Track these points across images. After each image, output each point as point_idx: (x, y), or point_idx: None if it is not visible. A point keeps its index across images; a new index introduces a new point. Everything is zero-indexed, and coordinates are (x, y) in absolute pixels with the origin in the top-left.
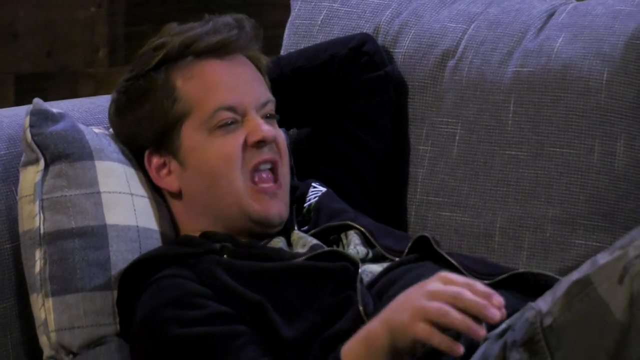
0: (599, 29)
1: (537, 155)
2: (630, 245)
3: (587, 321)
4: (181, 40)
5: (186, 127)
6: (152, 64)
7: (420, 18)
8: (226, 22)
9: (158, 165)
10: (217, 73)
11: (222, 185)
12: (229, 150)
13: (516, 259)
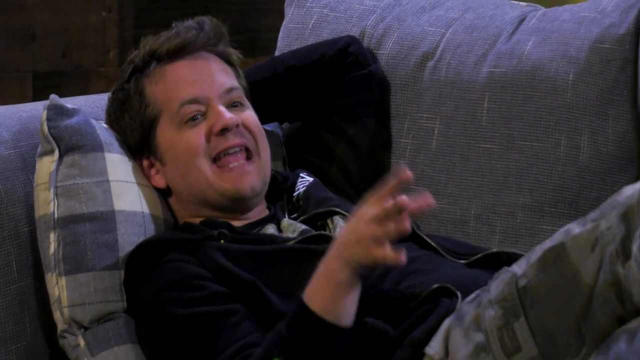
0: (565, 34)
1: (508, 148)
2: (602, 218)
3: (559, 284)
4: (145, 50)
5: (160, 128)
6: (126, 77)
7: (402, 23)
8: (187, 26)
9: (147, 167)
10: (177, 72)
11: (193, 173)
12: (193, 142)
13: (489, 243)
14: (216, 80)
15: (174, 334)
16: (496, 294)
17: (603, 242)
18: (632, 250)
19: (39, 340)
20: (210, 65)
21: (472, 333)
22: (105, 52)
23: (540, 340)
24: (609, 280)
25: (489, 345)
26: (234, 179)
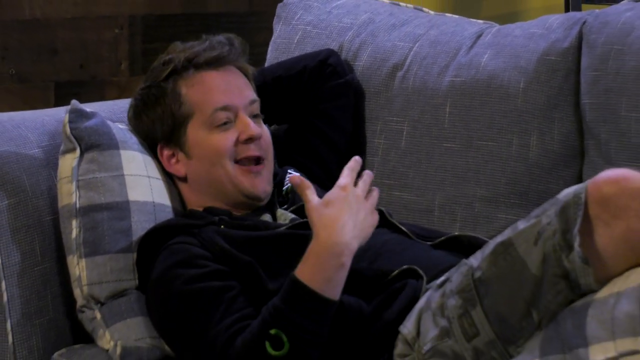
0: (517, 47)
1: (468, 147)
2: (543, 214)
3: (509, 274)
4: (185, 56)
5: (191, 126)
6: (162, 76)
7: (375, 38)
8: (220, 41)
9: (168, 156)
10: (213, 81)
11: (218, 170)
12: (222, 144)
13: (451, 229)
14: (243, 92)
15: (178, 307)
16: (456, 285)
17: (545, 236)
18: (574, 245)
19: (59, 315)
20: (237, 79)
21: (438, 319)
22: (117, 64)
23: (495, 325)
24: (557, 273)
25: (452, 331)
26: (252, 181)
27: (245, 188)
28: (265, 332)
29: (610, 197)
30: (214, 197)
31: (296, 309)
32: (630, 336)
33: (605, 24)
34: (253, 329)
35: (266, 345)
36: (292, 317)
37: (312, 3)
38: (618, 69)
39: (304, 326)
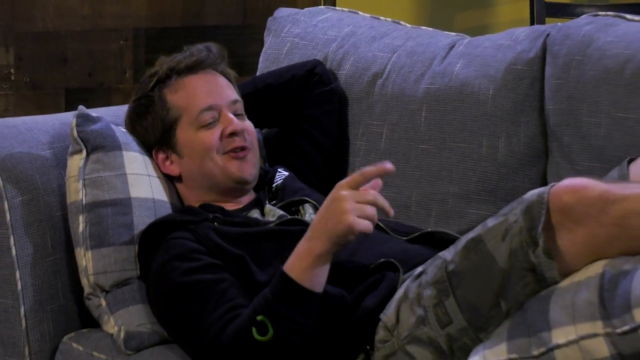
0: (486, 57)
1: (442, 149)
2: (510, 213)
3: (479, 268)
4: (167, 66)
5: (179, 128)
6: (149, 87)
7: (357, 49)
8: (198, 48)
9: (162, 159)
10: (194, 84)
11: (208, 163)
12: (209, 141)
13: (427, 224)
14: (224, 92)
15: (175, 296)
16: (431, 277)
17: (512, 233)
18: (539, 242)
19: (69, 301)
20: (218, 80)
21: (415, 308)
22: (122, 73)
23: (467, 314)
24: (525, 267)
25: (428, 319)
26: (239, 166)
27: (233, 173)
28: (252, 318)
29: (571, 206)
30: (207, 190)
31: (281, 298)
32: (590, 321)
33: (567, 36)
34: (243, 317)
35: (253, 330)
36: (278, 306)
37: (300, 17)
38: (579, 77)
39: (288, 315)
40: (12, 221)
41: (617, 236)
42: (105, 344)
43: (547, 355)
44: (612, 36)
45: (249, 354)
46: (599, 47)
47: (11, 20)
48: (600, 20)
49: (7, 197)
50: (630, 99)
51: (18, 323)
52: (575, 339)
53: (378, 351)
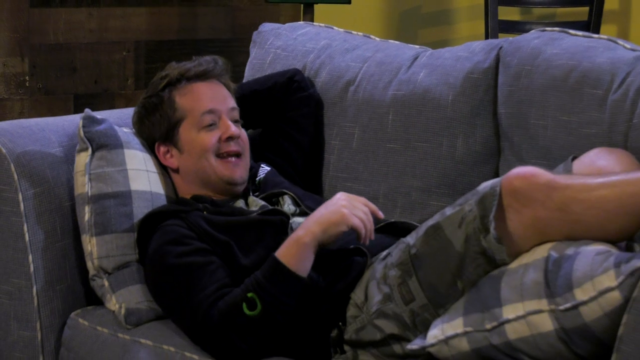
0: (446, 67)
1: (406, 148)
2: (466, 203)
3: (438, 252)
4: (178, 71)
5: (183, 127)
6: (160, 87)
7: (332, 59)
8: (207, 60)
9: (164, 152)
10: (201, 90)
11: (204, 162)
12: (208, 142)
13: (393, 214)
14: (226, 100)
15: (169, 277)
16: (396, 259)
17: (467, 220)
18: (490, 229)
19: (76, 282)
20: (221, 90)
21: (382, 286)
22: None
23: (428, 292)
24: (477, 250)
25: (393, 296)
26: (231, 169)
27: (225, 176)
28: (244, 295)
29: (520, 190)
30: (199, 184)
31: (270, 279)
32: (536, 299)
33: (517, 48)
34: (235, 293)
35: (243, 305)
36: (267, 285)
37: (281, 31)
38: (528, 85)
39: (275, 294)
40: (26, 211)
41: (560, 220)
42: (108, 320)
43: (499, 328)
44: (558, 49)
45: (238, 326)
46: (545, 59)
47: (26, 34)
48: (547, 35)
49: (21, 190)
50: (573, 104)
51: (30, 301)
52: (523, 314)
53: (349, 326)
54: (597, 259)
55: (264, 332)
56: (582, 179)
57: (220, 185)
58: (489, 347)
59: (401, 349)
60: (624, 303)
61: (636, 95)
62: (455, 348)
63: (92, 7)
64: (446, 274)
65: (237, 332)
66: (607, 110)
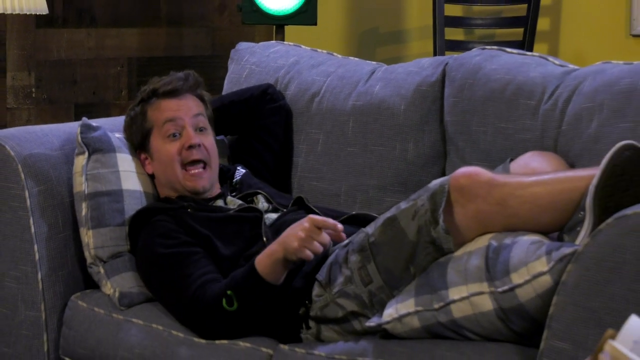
0: (399, 81)
1: (364, 151)
2: (418, 198)
3: (393, 240)
4: (150, 88)
5: (152, 137)
6: (137, 102)
7: (300, 74)
8: (178, 77)
9: (143, 159)
10: (167, 104)
11: (169, 171)
12: (171, 152)
13: (352, 209)
14: (190, 109)
15: (158, 266)
16: (357, 246)
17: (419, 213)
18: (439, 221)
19: (75, 269)
20: (188, 102)
21: (344, 269)
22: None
23: (384, 276)
24: (428, 240)
25: (353, 278)
26: (194, 181)
27: (188, 186)
28: (224, 291)
29: (465, 187)
30: (171, 189)
31: (247, 283)
32: (478, 282)
33: (461, 64)
34: (218, 286)
35: (223, 301)
36: (243, 288)
37: (256, 49)
38: (470, 96)
39: (249, 297)
40: (31, 206)
41: (499, 213)
42: (104, 302)
43: (445, 308)
44: (496, 65)
45: (217, 318)
46: (485, 73)
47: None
48: (487, 53)
49: (27, 187)
50: (510, 113)
51: (36, 285)
52: (467, 295)
53: (315, 304)
54: (531, 247)
55: (239, 323)
56: (518, 178)
57: (184, 192)
58: (437, 324)
59: (360, 325)
60: (554, 286)
61: (564, 106)
62: (408, 325)
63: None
64: (400, 260)
65: (217, 320)
66: (539, 119)
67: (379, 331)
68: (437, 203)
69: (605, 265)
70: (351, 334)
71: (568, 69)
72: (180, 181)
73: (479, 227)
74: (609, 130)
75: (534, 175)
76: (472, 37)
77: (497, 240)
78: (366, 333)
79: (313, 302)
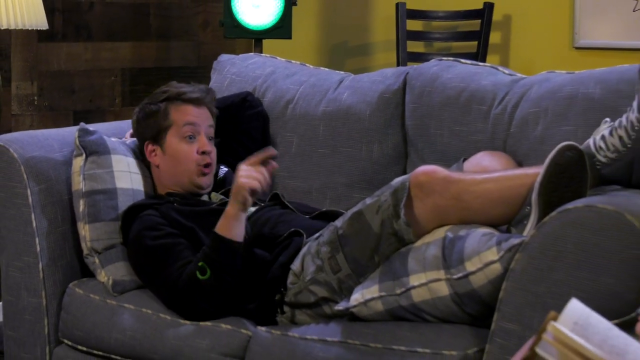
0: (365, 89)
1: (334, 152)
2: (382, 194)
3: (360, 233)
4: (177, 91)
5: (169, 133)
6: (159, 99)
7: (276, 83)
8: (201, 88)
9: (151, 150)
10: (189, 109)
11: (182, 167)
12: (188, 153)
13: (323, 204)
14: (206, 120)
15: (146, 255)
16: (327, 238)
17: (383, 208)
18: (401, 215)
19: (73, 259)
20: (205, 112)
21: (315, 259)
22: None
23: (351, 265)
24: (390, 232)
25: (324, 267)
26: (202, 180)
27: (197, 182)
28: (196, 264)
29: (424, 183)
30: (172, 181)
31: (212, 248)
32: (435, 270)
33: (420, 74)
34: (192, 265)
35: (197, 273)
36: (211, 253)
37: (236, 61)
38: (428, 102)
39: (219, 259)
40: (33, 203)
41: (454, 207)
42: (99, 289)
43: (406, 293)
44: (452, 74)
45: (197, 289)
46: (442, 82)
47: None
48: (444, 64)
49: (29, 186)
50: (464, 118)
51: (37, 274)
52: (425, 282)
53: (289, 291)
54: (483, 238)
55: (218, 291)
56: (471, 175)
57: (190, 187)
58: (399, 308)
59: (330, 309)
60: (504, 273)
61: (513, 110)
62: (372, 309)
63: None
64: (366, 250)
65: (197, 295)
66: (490, 122)
67: (347, 314)
68: (399, 198)
69: (549, 254)
70: (322, 317)
71: (516, 77)
72: (191, 176)
73: (437, 220)
74: (553, 133)
75: (485, 173)
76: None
77: (453, 232)
78: (335, 316)
79: (288, 289)
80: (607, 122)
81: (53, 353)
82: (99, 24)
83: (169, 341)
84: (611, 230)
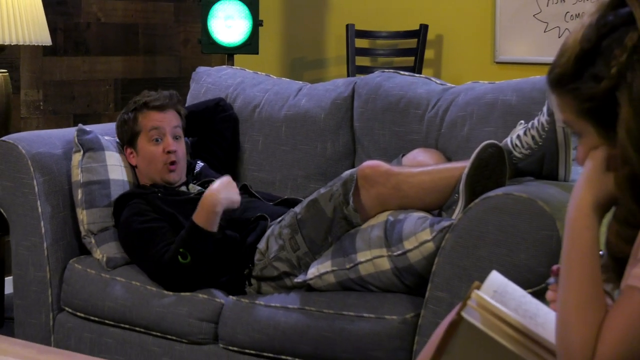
0: (320, 96)
1: (294, 149)
2: (334, 185)
3: (315, 217)
4: (143, 100)
5: (140, 138)
6: (130, 109)
7: (245, 91)
8: (164, 94)
9: (129, 152)
10: (154, 115)
11: (152, 166)
12: (155, 154)
13: (285, 193)
14: (170, 121)
15: (134, 237)
16: (287, 222)
17: (334, 196)
18: (350, 202)
19: (73, 240)
20: (170, 115)
21: (278, 240)
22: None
23: (308, 244)
24: (341, 216)
25: (285, 246)
26: (170, 176)
27: (164, 178)
28: (177, 249)
29: (369, 175)
30: (149, 179)
31: (190, 236)
32: (379, 248)
33: (366, 83)
34: (173, 249)
35: (178, 257)
36: (189, 241)
37: (211, 72)
38: (373, 107)
39: (196, 246)
40: (38, 192)
41: (394, 196)
42: (95, 265)
43: (354, 268)
44: (393, 84)
45: (178, 270)
46: (385, 90)
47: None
48: (386, 75)
49: (35, 178)
50: (402, 120)
51: (42, 252)
52: (370, 258)
53: (256, 266)
54: (418, 221)
55: (196, 272)
56: (408, 169)
57: (162, 182)
58: (348, 280)
59: (290, 282)
60: (436, 250)
61: (444, 114)
62: (326, 281)
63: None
64: (321, 232)
65: (178, 274)
66: (425, 124)
67: (305, 286)
68: (348, 188)
69: (474, 234)
70: (284, 289)
71: (447, 86)
72: (160, 175)
73: (380, 206)
74: (477, 133)
75: (420, 166)
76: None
77: (393, 216)
78: (295, 287)
79: (255, 265)
80: (522, 123)
81: (56, 319)
82: (95, 41)
83: (154, 309)
84: (525, 214)
